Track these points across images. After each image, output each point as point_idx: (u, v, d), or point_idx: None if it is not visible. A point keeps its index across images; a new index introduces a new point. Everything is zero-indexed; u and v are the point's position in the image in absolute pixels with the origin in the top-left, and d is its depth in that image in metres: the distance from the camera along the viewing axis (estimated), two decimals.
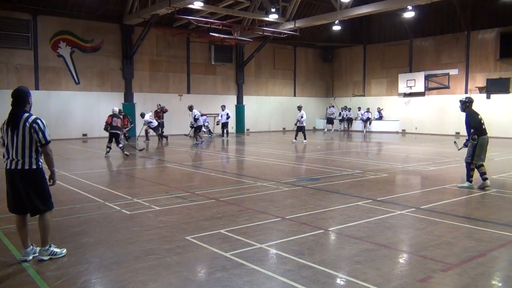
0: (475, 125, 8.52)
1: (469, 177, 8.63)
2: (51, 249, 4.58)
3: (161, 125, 21.40)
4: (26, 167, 4.46)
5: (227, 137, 22.79)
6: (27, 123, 4.47)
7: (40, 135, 4.50)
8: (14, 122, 4.51)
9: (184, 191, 8.42)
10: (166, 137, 20.97)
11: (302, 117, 20.34)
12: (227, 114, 22.69)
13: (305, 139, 20.45)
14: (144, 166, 13.11)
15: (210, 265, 4.45)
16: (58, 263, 4.47)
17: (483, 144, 8.59)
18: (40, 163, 4.57)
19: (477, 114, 8.65)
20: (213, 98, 27.05)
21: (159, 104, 21.86)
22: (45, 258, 4.51)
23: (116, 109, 15.04)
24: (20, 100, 4.58)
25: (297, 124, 20.60)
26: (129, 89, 24.03)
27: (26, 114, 4.53)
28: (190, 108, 19.93)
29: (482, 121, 8.66)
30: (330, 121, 28.92)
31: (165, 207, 7.03)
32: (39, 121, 4.54)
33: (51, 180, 4.68)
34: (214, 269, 4.30)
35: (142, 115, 20.88)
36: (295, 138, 20.49)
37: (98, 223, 6.06)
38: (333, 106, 29.88)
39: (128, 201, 7.48)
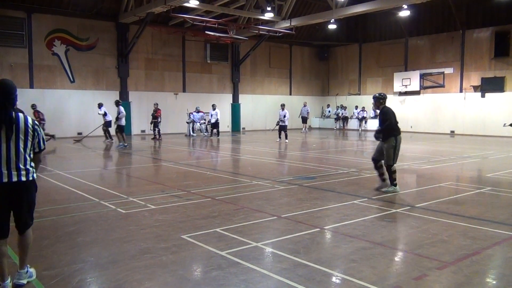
0: (389, 124, 7.88)
1: (393, 180, 8.02)
2: (29, 270, 3.96)
3: (156, 124, 21.25)
4: (31, 177, 3.79)
5: (214, 136, 22.59)
6: (28, 125, 3.75)
7: (41, 140, 3.90)
8: (11, 123, 3.66)
9: (180, 190, 8.40)
10: (111, 137, 19.47)
11: (285, 116, 19.93)
12: (216, 114, 22.31)
13: (286, 138, 19.97)
14: (140, 165, 13.07)
15: (206, 263, 4.44)
16: (54, 262, 4.45)
17: (399, 144, 8.06)
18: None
19: (393, 112, 8.07)
20: (208, 96, 26.99)
21: (156, 104, 21.64)
22: (25, 281, 3.87)
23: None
24: (10, 96, 3.74)
25: (280, 124, 20.14)
26: (124, 87, 23.94)
27: (21, 114, 3.77)
28: (117, 104, 17.52)
29: (396, 119, 8.07)
30: (304, 120, 27.82)
31: (161, 206, 7.02)
32: (37, 123, 3.92)
33: None
34: (210, 268, 4.30)
35: (100, 106, 19.06)
36: (280, 137, 20.10)
37: (94, 222, 6.04)
38: (306, 106, 28.55)
39: (124, 200, 7.46)
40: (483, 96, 24.45)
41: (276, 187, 8.67)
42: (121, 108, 17.35)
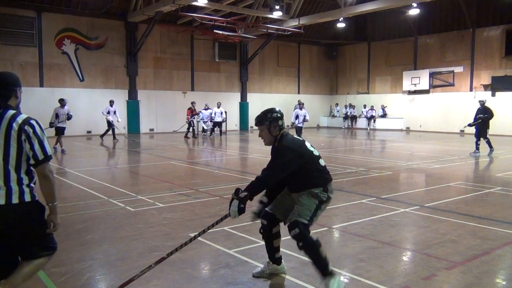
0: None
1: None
2: None
3: (191, 124, 21.01)
4: (15, 200, 2.78)
5: (212, 135, 22.45)
6: (13, 125, 2.78)
7: (36, 145, 2.81)
8: None
9: (188, 188, 8.43)
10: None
11: (305, 116, 17.40)
12: (221, 112, 22.13)
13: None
14: (148, 163, 13.13)
15: (213, 262, 4.46)
16: (63, 259, 4.48)
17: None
18: (35, 194, 2.93)
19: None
20: (217, 95, 26.99)
21: (193, 103, 21.40)
22: None
23: None
24: (2, 89, 2.90)
25: (298, 125, 17.39)
26: (133, 86, 24.06)
27: (12, 112, 2.86)
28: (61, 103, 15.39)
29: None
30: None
31: (169, 204, 7.05)
32: (34, 123, 2.85)
33: (51, 223, 2.97)
34: (217, 266, 4.31)
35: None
36: None
37: (102, 220, 6.08)
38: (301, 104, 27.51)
39: (132, 198, 7.50)
40: (493, 95, 24.20)
41: None
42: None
